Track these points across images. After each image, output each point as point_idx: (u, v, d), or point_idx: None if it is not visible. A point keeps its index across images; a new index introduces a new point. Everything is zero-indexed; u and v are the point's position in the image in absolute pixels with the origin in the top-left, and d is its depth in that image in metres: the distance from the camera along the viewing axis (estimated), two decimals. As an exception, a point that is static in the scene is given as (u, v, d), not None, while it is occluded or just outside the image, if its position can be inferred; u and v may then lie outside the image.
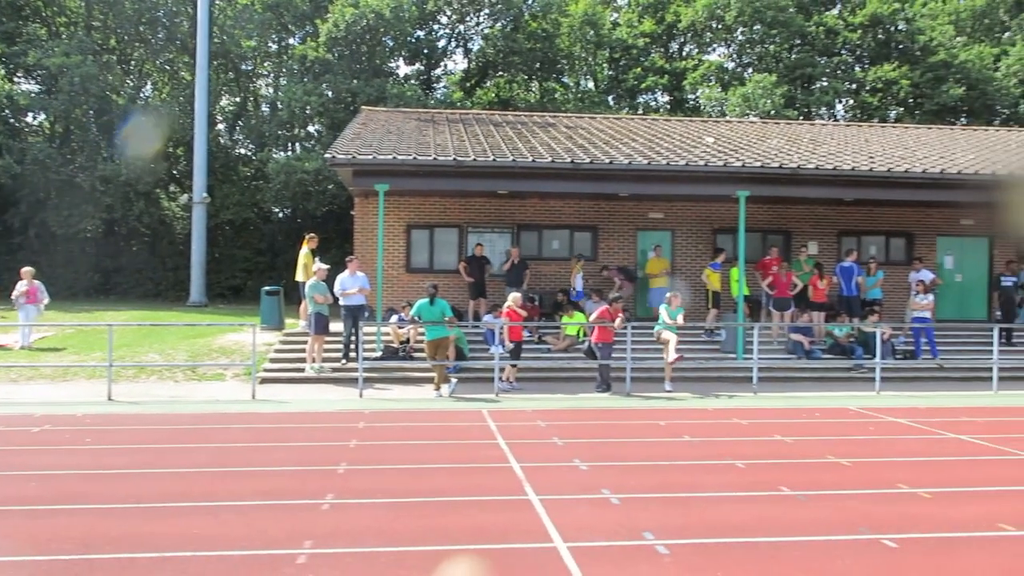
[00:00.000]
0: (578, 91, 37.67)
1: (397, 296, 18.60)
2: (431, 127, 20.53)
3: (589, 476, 7.89)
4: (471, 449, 9.23)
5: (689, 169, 16.36)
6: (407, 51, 34.78)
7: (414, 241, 19.53)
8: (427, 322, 13.86)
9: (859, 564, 5.49)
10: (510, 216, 19.61)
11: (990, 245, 20.91)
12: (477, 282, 18.07)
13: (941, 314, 19.05)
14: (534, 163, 16.10)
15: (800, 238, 20.03)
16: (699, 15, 37.71)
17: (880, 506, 6.94)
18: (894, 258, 20.50)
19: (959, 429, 10.75)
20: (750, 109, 33.38)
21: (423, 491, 7.21)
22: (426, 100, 31.02)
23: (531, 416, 11.47)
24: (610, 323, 14.21)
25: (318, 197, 29.07)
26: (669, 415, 11.84)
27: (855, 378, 15.96)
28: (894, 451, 9.43)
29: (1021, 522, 6.41)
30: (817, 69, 37.03)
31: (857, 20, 37.32)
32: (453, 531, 6.08)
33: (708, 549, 5.75)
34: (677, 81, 38.42)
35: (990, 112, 36.73)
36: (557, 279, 19.39)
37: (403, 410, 12.08)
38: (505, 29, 34.74)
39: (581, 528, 6.16)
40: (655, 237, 19.71)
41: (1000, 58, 37.75)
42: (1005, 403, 13.44)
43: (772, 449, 9.40)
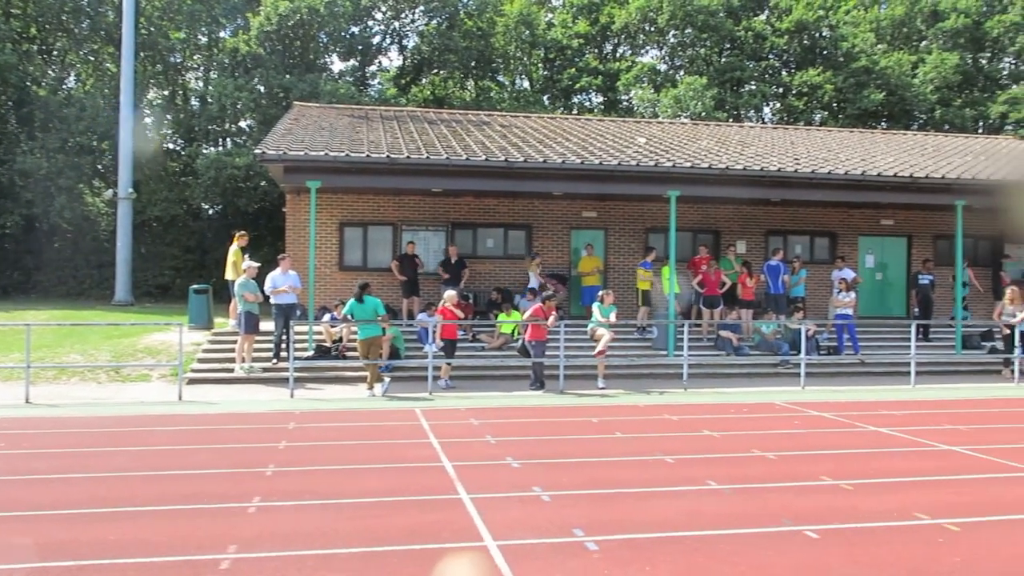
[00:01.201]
0: (513, 90, 37.78)
1: (330, 295, 18.39)
2: (365, 124, 20.34)
3: (521, 474, 7.91)
4: (403, 449, 9.17)
5: (621, 169, 16.55)
6: (341, 47, 34.39)
7: (347, 239, 19.32)
8: (359, 321, 13.71)
9: (782, 556, 5.63)
10: (444, 214, 19.55)
11: (908, 244, 21.68)
12: (410, 280, 17.99)
13: (863, 311, 19.69)
14: (468, 161, 16.09)
15: (729, 237, 20.45)
16: (632, 17, 38.19)
17: (803, 498, 7.13)
18: (818, 257, 21.10)
19: (879, 422, 11.11)
20: (681, 111, 33.94)
21: (353, 492, 7.14)
22: (360, 97, 30.73)
23: (465, 415, 11.46)
24: (543, 321, 14.29)
25: (249, 194, 28.53)
26: (601, 412, 11.95)
27: (781, 374, 16.37)
28: (817, 444, 9.70)
29: (935, 511, 6.65)
30: (746, 73, 37.86)
31: (784, 26, 38.28)
32: (382, 532, 6.02)
33: (636, 544, 5.82)
34: (611, 82, 38.83)
35: (908, 117, 38.08)
36: (492, 277, 19.42)
37: (335, 410, 11.94)
38: (441, 27, 34.62)
39: (512, 526, 6.18)
40: (588, 236, 19.89)
41: (917, 65, 39.16)
42: (922, 396, 13.94)
43: (701, 444, 9.58)
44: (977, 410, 12.61)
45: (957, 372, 17.16)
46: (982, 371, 17.26)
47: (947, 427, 10.82)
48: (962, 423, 11.17)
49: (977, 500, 7.13)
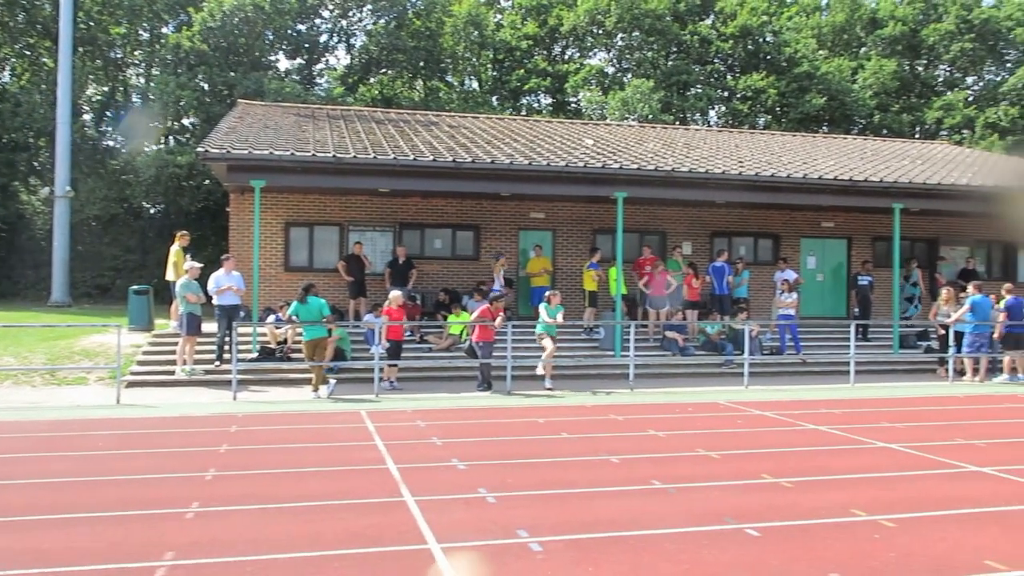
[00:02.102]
0: (462, 91, 37.72)
1: (275, 296, 18.15)
2: (311, 123, 20.11)
3: (467, 475, 7.88)
4: (347, 451, 9.07)
5: (569, 170, 16.63)
6: (288, 45, 33.97)
7: (293, 239, 19.06)
8: (304, 322, 13.53)
9: (723, 553, 5.69)
10: (392, 215, 19.41)
11: (848, 246, 22.18)
12: (357, 281, 17.83)
13: (804, 312, 20.07)
14: (416, 161, 16.00)
15: (675, 238, 20.69)
16: (580, 20, 38.42)
17: (745, 496, 7.22)
18: (762, 258, 21.47)
19: (819, 420, 11.34)
20: (629, 113, 34.25)
21: (295, 496, 7.03)
22: (307, 96, 30.37)
23: (411, 416, 11.39)
24: (491, 322, 14.28)
25: (192, 193, 27.99)
26: (548, 412, 11.98)
27: (726, 373, 16.61)
28: (759, 443, 9.85)
29: (872, 507, 6.80)
30: (692, 76, 38.37)
31: (729, 31, 38.88)
32: (324, 536, 5.94)
33: (581, 544, 5.83)
34: (559, 84, 39.02)
35: (848, 121, 39.00)
36: (440, 278, 19.35)
37: (279, 412, 11.76)
38: (389, 26, 34.39)
39: (456, 528, 6.14)
40: (536, 237, 19.94)
41: (857, 71, 40.15)
42: (861, 395, 14.26)
43: (646, 444, 9.66)
44: (913, 408, 12.95)
45: (894, 371, 17.61)
46: (918, 370, 17.73)
47: (884, 425, 11.08)
48: (899, 421, 11.45)
49: (912, 496, 7.31)
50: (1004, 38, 40.45)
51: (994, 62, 41.63)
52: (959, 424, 11.35)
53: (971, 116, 39.01)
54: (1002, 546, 5.89)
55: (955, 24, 40.02)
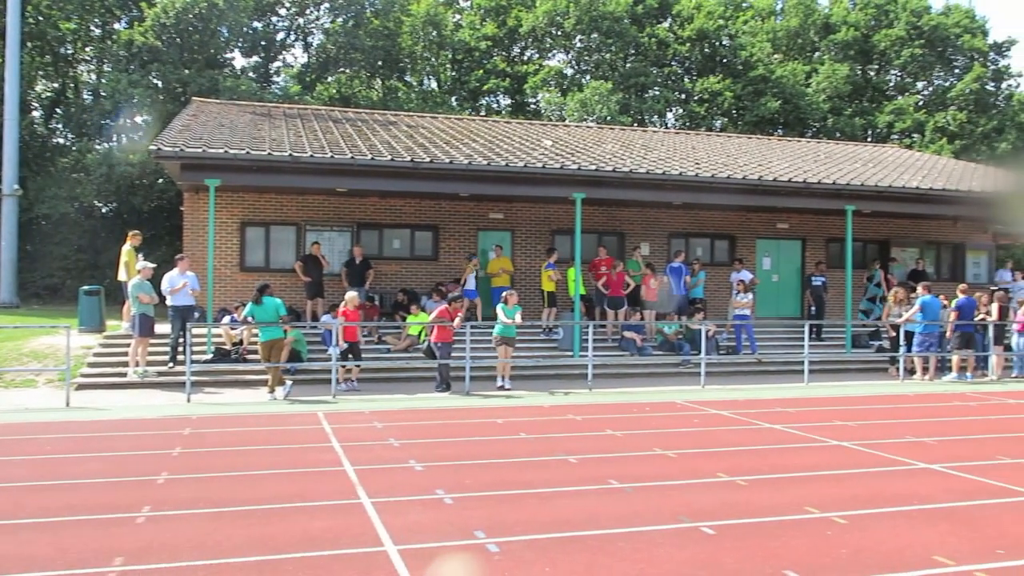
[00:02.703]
0: (421, 91, 37.58)
1: (230, 296, 17.89)
2: (267, 121, 19.87)
3: (424, 477, 7.84)
4: (303, 453, 8.96)
5: (527, 171, 16.64)
6: (243, 42, 33.50)
7: (249, 239, 18.80)
8: (260, 323, 13.35)
9: (679, 552, 5.73)
10: (350, 214, 19.25)
11: (803, 247, 22.53)
12: (314, 281, 17.66)
13: (760, 312, 20.34)
14: (373, 161, 15.89)
15: (633, 239, 20.83)
16: (539, 21, 38.51)
17: (701, 495, 7.29)
18: (718, 259, 21.70)
19: (774, 419, 11.49)
20: (587, 114, 34.41)
21: (249, 499, 6.93)
22: (263, 94, 30.02)
23: (368, 418, 11.30)
24: (449, 323, 14.23)
25: (145, 192, 27.49)
26: (506, 413, 11.97)
27: (683, 373, 16.76)
28: (715, 442, 9.95)
29: (825, 505, 6.90)
30: (650, 78, 38.67)
31: (686, 34, 39.28)
32: (279, 539, 5.86)
33: (538, 545, 5.83)
34: (518, 84, 39.07)
35: (802, 124, 39.63)
36: (398, 279, 19.24)
37: (234, 414, 11.59)
38: (346, 25, 34.13)
39: (413, 530, 6.10)
40: (496, 237, 19.93)
41: (811, 75, 40.82)
42: (815, 394, 14.49)
43: (603, 444, 9.69)
44: (865, 407, 13.18)
45: (847, 370, 17.93)
46: (870, 369, 18.08)
47: (837, 423, 11.26)
48: (851, 419, 11.65)
49: (863, 493, 7.43)
50: (952, 45, 41.44)
51: (943, 68, 42.63)
52: (909, 422, 11.59)
53: (921, 120, 39.89)
54: (950, 541, 6.02)
55: (905, 30, 40.91)
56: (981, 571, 5.38)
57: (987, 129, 39.31)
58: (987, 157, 37.36)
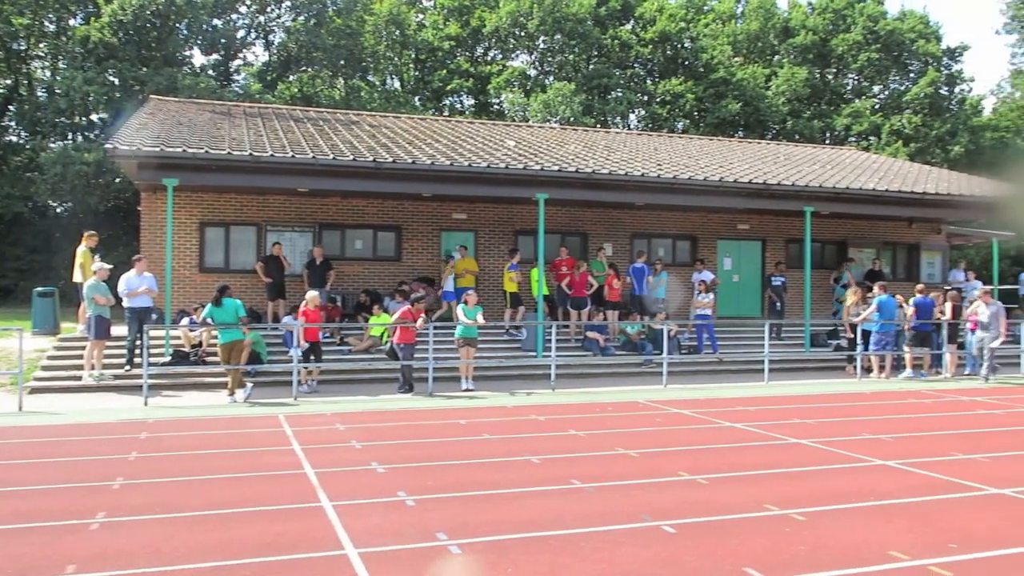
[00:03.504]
0: (383, 90, 37.42)
1: (189, 298, 17.63)
2: (227, 120, 19.62)
3: (386, 479, 7.78)
4: (263, 456, 8.85)
5: (490, 171, 16.63)
6: (203, 40, 33.06)
7: (208, 239, 18.55)
8: (220, 324, 13.17)
9: (640, 551, 5.75)
10: (311, 215, 19.09)
11: (763, 248, 22.81)
12: (276, 282, 17.48)
13: (721, 312, 20.55)
14: (335, 161, 15.76)
15: (596, 240, 20.92)
16: (503, 22, 38.55)
17: (662, 494, 7.33)
18: (680, 259, 21.88)
19: (734, 418, 11.61)
20: (551, 115, 34.51)
21: (207, 504, 6.82)
22: (223, 92, 29.64)
23: (330, 419, 11.20)
24: (412, 323, 14.17)
25: (101, 191, 27.00)
26: (469, 414, 11.95)
27: (645, 372, 16.87)
28: (677, 441, 10.02)
29: (784, 502, 6.98)
30: (613, 80, 38.90)
31: (648, 36, 39.58)
32: (237, 544, 5.77)
33: (500, 545, 5.82)
34: (482, 85, 39.07)
35: (763, 127, 40.16)
36: (361, 279, 19.12)
37: (192, 418, 11.42)
38: (308, 23, 33.84)
39: (374, 533, 6.05)
40: (459, 238, 19.88)
41: (771, 78, 41.37)
42: (774, 392, 14.67)
43: (566, 444, 9.71)
44: (823, 404, 13.38)
45: (806, 369, 18.18)
46: (828, 367, 18.35)
47: (796, 421, 11.41)
48: (810, 417, 11.81)
49: (821, 490, 7.53)
50: (907, 49, 42.28)
51: (898, 72, 43.47)
52: (866, 419, 11.77)
53: (877, 123, 40.64)
54: (905, 537, 6.12)
55: (862, 35, 41.64)
56: (935, 565, 5.48)
57: (941, 132, 40.15)
58: (941, 160, 38.17)
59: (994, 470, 8.41)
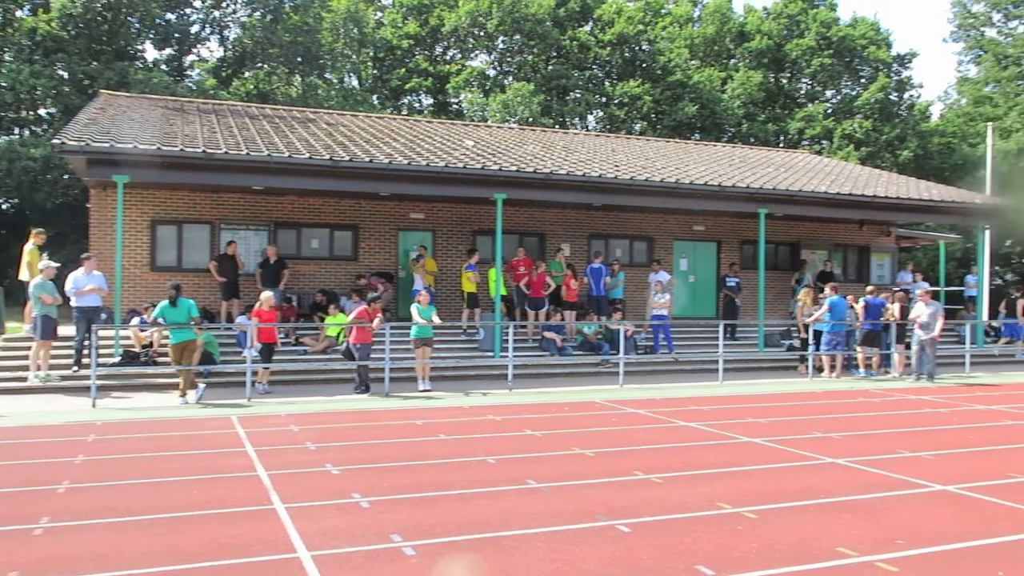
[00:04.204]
0: (341, 88, 37.10)
1: (140, 297, 17.31)
2: (180, 116, 19.28)
3: (340, 480, 7.71)
4: (215, 458, 8.72)
5: (448, 171, 16.58)
6: (155, 34, 32.48)
7: (160, 238, 18.21)
8: (171, 324, 12.94)
9: (594, 551, 5.78)
10: (266, 213, 18.85)
11: (718, 249, 23.08)
12: (230, 282, 17.22)
13: (677, 312, 20.75)
14: (291, 159, 15.57)
15: (554, 240, 20.99)
16: (462, 21, 38.48)
17: (617, 493, 7.37)
18: (637, 260, 22.04)
19: (689, 417, 11.72)
20: (509, 115, 34.54)
21: (156, 507, 6.69)
22: (176, 88, 29.11)
23: (284, 421, 11.07)
24: (368, 323, 14.07)
25: (49, 188, 26.37)
26: (426, 414, 11.90)
27: (602, 372, 16.96)
28: (632, 440, 10.09)
29: (736, 500, 7.07)
30: (571, 81, 39.06)
31: (607, 38, 39.81)
32: (186, 549, 5.67)
33: (455, 547, 5.80)
34: (441, 84, 38.96)
35: (718, 129, 40.64)
36: (317, 279, 18.94)
37: (143, 419, 11.20)
38: (264, 19, 33.42)
39: (327, 535, 5.99)
40: (416, 237, 19.80)
41: (727, 82, 41.88)
42: (728, 392, 14.85)
43: (522, 444, 9.72)
44: (775, 404, 13.58)
45: (760, 368, 18.44)
46: (781, 367, 18.64)
47: (749, 420, 11.56)
48: (762, 416, 11.98)
49: (773, 488, 7.64)
50: (859, 55, 43.11)
51: (850, 77, 44.30)
52: (817, 418, 11.98)
53: (830, 127, 41.36)
54: (853, 533, 6.23)
55: (815, 40, 42.35)
56: (881, 561, 5.58)
57: (890, 137, 41.01)
58: (890, 164, 39.01)
59: (939, 467, 8.61)
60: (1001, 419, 12.10)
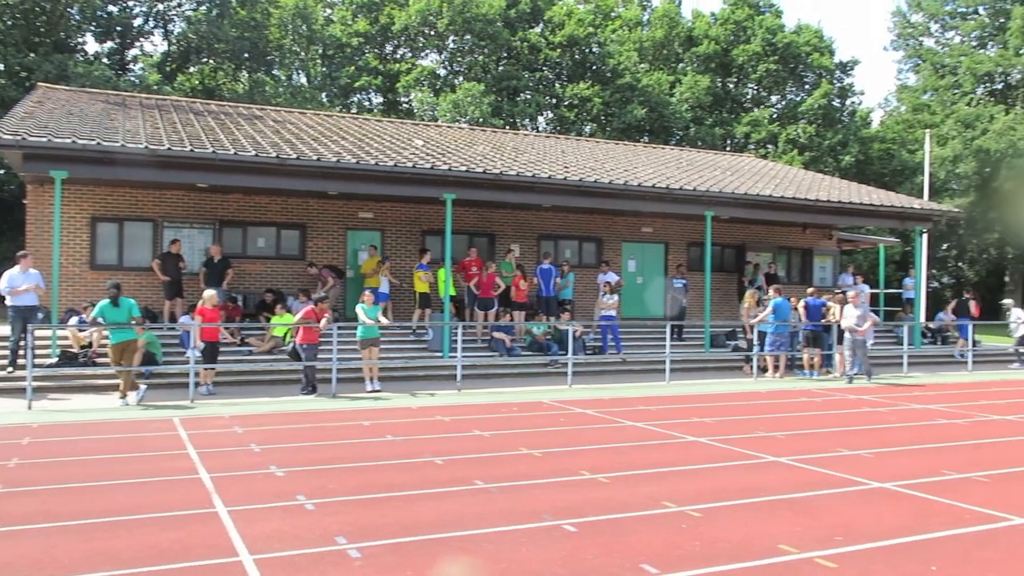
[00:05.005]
0: (289, 85, 36.62)
1: (79, 296, 16.89)
2: (122, 111, 18.84)
3: (285, 482, 7.62)
4: (156, 461, 8.53)
5: (397, 170, 16.48)
6: (97, 26, 31.68)
7: (100, 235, 17.76)
8: (111, 324, 12.62)
9: (541, 551, 5.80)
10: (211, 211, 18.52)
11: (666, 251, 23.35)
12: (173, 281, 16.88)
13: (625, 313, 20.93)
14: (236, 156, 15.32)
15: (504, 241, 21.01)
16: (412, 20, 38.32)
17: (564, 493, 7.41)
18: (586, 261, 22.19)
19: (636, 417, 11.84)
20: (460, 115, 34.49)
21: (94, 511, 6.53)
22: (118, 82, 28.46)
23: (228, 422, 10.89)
24: (315, 323, 13.92)
25: (-17, 183, 25.54)
26: (374, 415, 11.82)
27: (551, 373, 17.03)
28: (580, 440, 10.15)
29: (680, 499, 7.16)
30: (522, 82, 39.16)
31: (557, 40, 39.99)
32: (125, 554, 5.54)
33: (401, 548, 5.77)
34: (391, 83, 38.73)
35: (667, 132, 41.12)
36: (263, 278, 18.67)
37: (81, 422, 10.92)
38: (210, 14, 32.83)
39: (271, 538, 5.91)
40: (365, 237, 19.66)
41: (675, 85, 42.39)
42: (675, 392, 15.03)
43: (470, 444, 9.71)
44: (721, 403, 13.78)
45: (706, 369, 18.70)
46: (727, 367, 18.93)
47: (695, 420, 11.72)
48: (707, 416, 12.15)
49: (717, 487, 7.75)
50: (803, 62, 44.03)
51: (794, 83, 45.23)
52: (760, 418, 12.19)
53: (775, 132, 42.16)
54: (794, 530, 6.36)
55: (761, 47, 43.13)
56: (821, 557, 5.71)
57: (833, 142, 41.96)
58: (833, 169, 39.90)
59: (877, 465, 8.83)
60: (936, 418, 12.46)
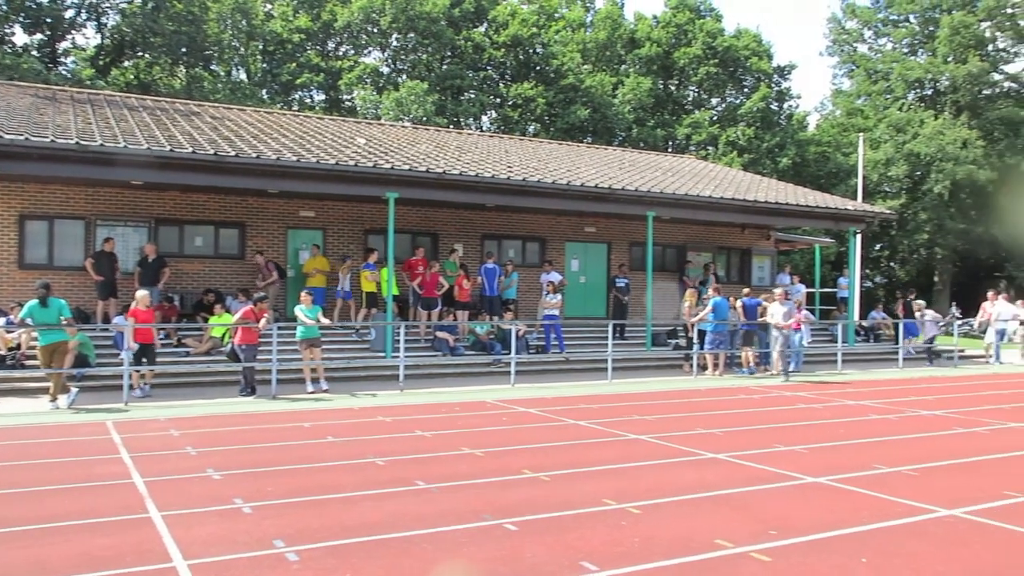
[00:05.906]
0: (228, 81, 35.96)
1: (7, 296, 16.34)
2: (52, 105, 18.29)
3: (222, 486, 7.48)
4: (88, 466, 8.30)
5: (339, 168, 16.32)
6: (26, 17, 30.65)
7: (29, 233, 17.22)
8: (40, 325, 12.23)
9: (481, 549, 5.80)
10: (147, 209, 18.09)
11: (608, 250, 23.56)
12: (107, 281, 16.45)
13: (568, 312, 21.06)
14: (172, 153, 14.99)
15: (447, 240, 20.96)
16: (355, 17, 37.98)
17: (505, 492, 7.42)
18: (529, 261, 22.26)
19: (578, 416, 11.92)
20: (403, 114, 34.30)
21: (22, 518, 6.32)
22: (49, 76, 27.59)
23: (164, 425, 10.65)
24: (254, 323, 13.70)
25: (-97, 178, 24.48)
26: (314, 416, 11.68)
27: (494, 372, 17.05)
28: (522, 439, 10.17)
29: (621, 496, 7.23)
30: (466, 81, 39.12)
31: (501, 39, 40.05)
32: (55, 561, 5.38)
33: (340, 550, 5.71)
34: (333, 80, 38.31)
35: (610, 133, 41.49)
36: (201, 278, 18.31)
37: (9, 426, 10.56)
38: (146, 7, 32.04)
39: (206, 543, 5.79)
40: (306, 236, 19.42)
41: (618, 87, 42.80)
42: (617, 390, 15.18)
43: (412, 444, 9.66)
44: (661, 401, 13.96)
45: (647, 367, 18.93)
46: (668, 365, 19.19)
47: (636, 418, 11.85)
48: (648, 413, 12.29)
49: (657, 484, 7.85)
50: (742, 66, 44.87)
51: (734, 87, 46.07)
52: (700, 415, 12.38)
53: (715, 134, 42.87)
54: (731, 525, 6.47)
55: (702, 50, 43.82)
56: (756, 551, 5.82)
57: (771, 145, 42.85)
58: (771, 170, 40.75)
59: (811, 460, 9.04)
60: (868, 413, 12.81)
